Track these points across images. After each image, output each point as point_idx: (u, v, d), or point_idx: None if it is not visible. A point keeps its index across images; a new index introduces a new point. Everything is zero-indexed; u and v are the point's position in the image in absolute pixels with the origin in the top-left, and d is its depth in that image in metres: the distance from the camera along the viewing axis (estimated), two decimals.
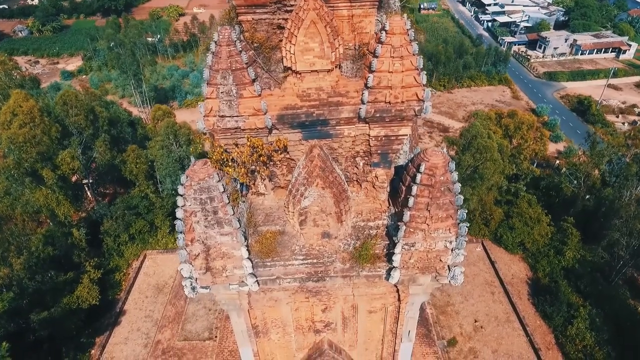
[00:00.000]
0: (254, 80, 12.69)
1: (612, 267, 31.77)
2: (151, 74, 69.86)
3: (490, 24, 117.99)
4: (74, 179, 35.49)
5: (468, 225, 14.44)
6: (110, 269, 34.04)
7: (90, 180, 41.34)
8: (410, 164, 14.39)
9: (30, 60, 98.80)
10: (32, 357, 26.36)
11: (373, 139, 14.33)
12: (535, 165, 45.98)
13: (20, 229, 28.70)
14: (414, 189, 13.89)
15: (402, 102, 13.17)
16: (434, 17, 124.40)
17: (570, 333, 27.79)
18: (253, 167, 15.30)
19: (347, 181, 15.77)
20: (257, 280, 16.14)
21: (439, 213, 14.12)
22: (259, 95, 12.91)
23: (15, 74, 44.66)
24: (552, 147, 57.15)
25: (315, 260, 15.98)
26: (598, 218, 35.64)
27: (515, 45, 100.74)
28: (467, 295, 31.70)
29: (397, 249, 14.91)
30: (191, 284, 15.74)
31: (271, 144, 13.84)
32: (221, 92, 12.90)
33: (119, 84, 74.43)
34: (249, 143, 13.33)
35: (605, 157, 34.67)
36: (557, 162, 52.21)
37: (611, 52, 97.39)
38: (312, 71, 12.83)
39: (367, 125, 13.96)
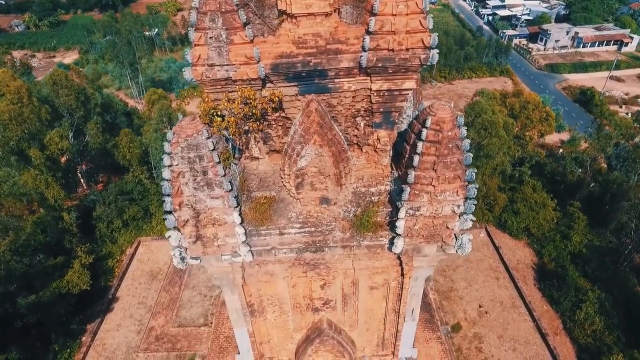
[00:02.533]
0: (245, 24, 11.66)
1: (620, 251, 30.79)
2: (147, 64, 68.79)
3: (490, 17, 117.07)
4: (63, 160, 34.40)
5: (477, 187, 13.44)
6: (103, 256, 33.06)
7: (84, 168, 40.34)
8: (415, 121, 13.36)
9: (26, 54, 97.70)
10: (20, 343, 25.36)
11: (375, 94, 13.29)
12: (537, 158, 44.96)
13: (7, 210, 27.61)
14: (419, 146, 12.86)
15: (407, 49, 12.14)
16: (434, 12, 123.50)
17: (578, 318, 26.81)
18: (246, 127, 14.30)
19: (347, 145, 14.75)
20: (250, 250, 15.13)
21: (446, 173, 13.09)
22: (251, 41, 11.87)
23: (5, 59, 43.55)
24: (555, 137, 56.23)
25: (313, 229, 14.94)
26: (605, 203, 34.67)
27: (516, 38, 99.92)
28: (471, 281, 30.72)
29: (401, 214, 13.88)
30: (180, 254, 14.71)
31: (265, 98, 12.83)
32: (210, 38, 11.86)
33: (116, 75, 73.39)
34: (240, 93, 12.30)
35: (613, 139, 33.68)
36: (561, 150, 51.31)
37: (613, 44, 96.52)
38: (308, 14, 11.78)
39: (369, 78, 12.92)
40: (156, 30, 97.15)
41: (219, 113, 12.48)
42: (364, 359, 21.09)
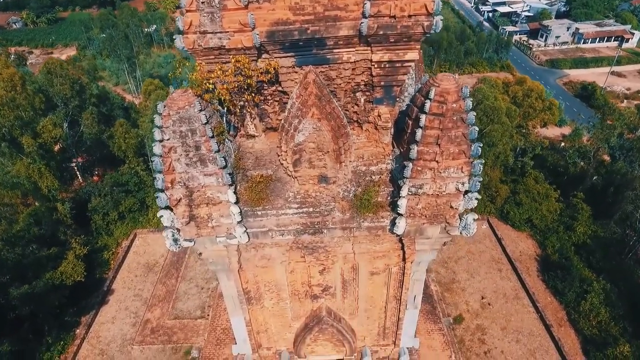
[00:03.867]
0: None
1: (625, 242, 30.24)
2: (145, 59, 68.18)
3: (490, 14, 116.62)
4: (56, 148, 33.77)
5: (483, 162, 12.86)
6: (98, 248, 32.48)
7: (80, 161, 39.78)
8: (418, 94, 12.78)
9: (24, 50, 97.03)
10: (12, 335, 24.75)
11: (376, 65, 12.70)
12: (540, 147, 44.43)
13: None
14: (422, 119, 12.27)
15: (409, 16, 11.55)
16: None
17: (583, 309, 26.24)
18: (241, 102, 13.72)
19: (347, 122, 14.15)
20: (246, 232, 14.53)
21: (450, 148, 12.50)
22: (246, 7, 11.27)
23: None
24: (556, 131, 55.78)
25: (311, 209, 14.34)
26: (608, 194, 34.14)
27: (516, 34, 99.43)
28: (473, 273, 30.14)
29: (403, 192, 13.29)
30: (173, 236, 14.14)
31: (260, 69, 12.24)
32: (202, 3, 11.25)
33: (113, 71, 72.84)
34: (233, 61, 11.70)
35: (617, 129, 33.13)
36: (562, 144, 50.80)
37: (614, 40, 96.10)
38: None
39: (369, 48, 12.34)
40: (154, 26, 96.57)
41: (211, 82, 11.86)
42: (365, 350, 20.52)
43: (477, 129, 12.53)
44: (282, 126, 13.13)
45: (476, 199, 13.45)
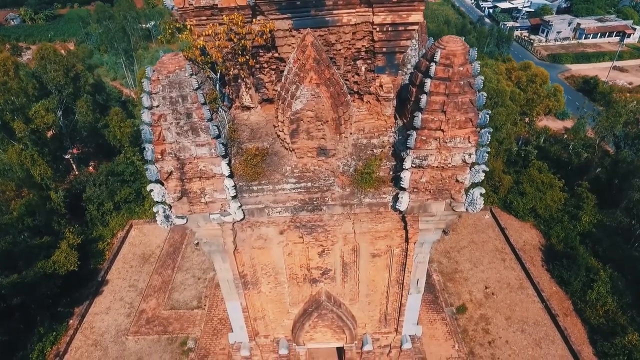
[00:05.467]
0: None
1: (632, 231, 29.56)
2: (143, 53, 67.45)
3: (491, 10, 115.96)
4: (49, 134, 33.05)
5: (490, 131, 12.17)
6: (93, 239, 31.79)
7: (75, 152, 39.08)
8: (422, 59, 12.09)
9: (21, 46, 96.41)
10: (2, 325, 24.06)
11: (377, 29, 11.98)
12: (542, 140, 43.76)
13: None
14: (427, 83, 11.58)
15: None
16: (433, 5, 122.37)
17: (590, 298, 25.56)
18: (235, 70, 13.04)
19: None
20: (242, 209, 13.85)
21: (456, 115, 11.80)
22: None
23: None
24: (559, 124, 55.20)
25: (309, 184, 13.63)
26: (613, 184, 33.50)
27: (517, 30, 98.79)
28: (476, 262, 29.45)
29: (406, 164, 12.58)
30: (164, 212, 13.44)
31: (256, 31, 11.55)
32: None
33: (111, 65, 72.17)
34: (226, 19, 11.02)
35: (622, 116, 32.43)
36: (565, 136, 50.17)
37: (615, 36, 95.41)
38: None
39: (370, 9, 11.65)
40: (153, 22, 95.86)
41: (202, 39, 11.15)
42: (366, 338, 19.81)
43: (485, 95, 11.84)
44: (279, 94, 12.43)
45: (483, 171, 12.75)
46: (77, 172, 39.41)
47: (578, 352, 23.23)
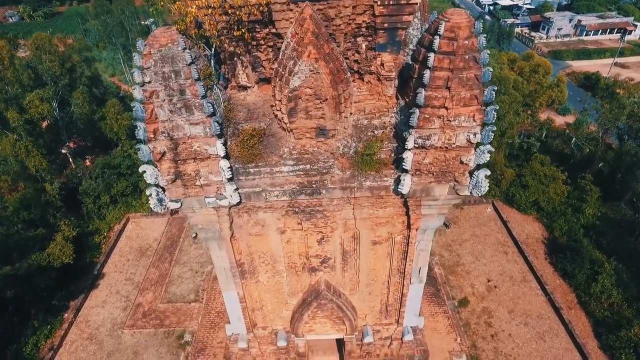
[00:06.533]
0: None
1: (636, 224, 29.10)
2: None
3: (491, 7, 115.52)
4: (44, 124, 32.50)
5: (497, 109, 11.70)
6: (89, 232, 31.32)
7: (72, 146, 38.61)
8: (425, 33, 11.64)
9: (19, 43, 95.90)
10: None
11: (379, 2, 11.48)
12: (544, 135, 43.30)
13: None
14: (431, 58, 11.10)
15: None
16: (433, 2, 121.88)
17: (594, 291, 25.10)
18: (231, 47, 12.56)
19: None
20: (238, 192, 13.38)
21: (461, 92, 11.33)
22: None
23: None
24: (560, 120, 54.76)
25: (308, 166, 13.14)
26: (617, 177, 33.05)
27: (518, 27, 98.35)
28: (478, 255, 28.99)
29: (409, 144, 12.11)
30: (157, 195, 12.97)
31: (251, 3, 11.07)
32: None
33: (109, 61, 71.80)
34: None
35: (627, 107, 31.94)
36: (567, 131, 49.72)
37: (616, 32, 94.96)
38: None
39: None
40: (152, 20, 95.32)
41: (193, 11, 10.67)
42: (366, 329, 19.35)
43: (491, 70, 11.37)
44: (276, 71, 11.96)
45: (489, 152, 12.30)
46: (74, 167, 38.95)
47: (583, 345, 22.77)
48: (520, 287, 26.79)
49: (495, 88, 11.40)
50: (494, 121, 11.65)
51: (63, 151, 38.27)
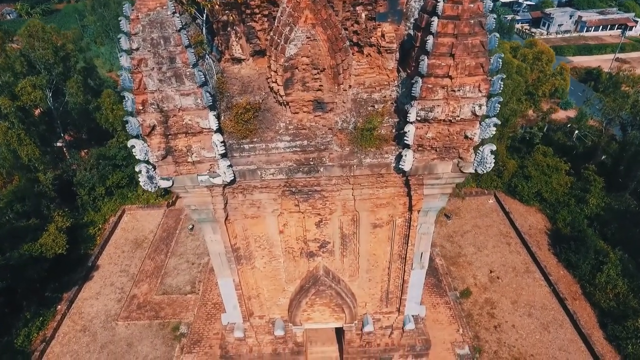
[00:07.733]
0: None
1: None
2: None
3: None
4: (37, 112, 31.89)
5: (503, 77, 11.13)
6: (84, 224, 30.75)
7: (67, 139, 38.03)
8: None
9: (17, 39, 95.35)
10: None
11: None
12: (546, 129, 42.76)
13: None
14: (434, 23, 10.54)
15: None
16: None
17: (599, 281, 24.58)
18: (224, 16, 11.98)
19: None
20: (232, 169, 12.79)
21: (466, 60, 10.74)
22: None
23: None
24: (562, 114, 54.26)
25: (305, 142, 12.54)
26: (621, 168, 32.50)
27: (518, 23, 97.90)
28: (481, 246, 28.45)
29: (411, 116, 11.53)
30: (148, 172, 12.39)
31: None
32: None
33: (107, 57, 71.24)
34: None
35: (631, 97, 31.41)
36: (569, 125, 49.24)
37: (617, 28, 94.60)
38: None
39: None
40: None
41: None
42: (366, 318, 18.76)
43: (497, 36, 10.82)
44: (272, 39, 11.39)
45: (495, 125, 11.73)
46: (68, 159, 38.37)
47: (588, 336, 22.23)
48: (524, 277, 26.25)
49: (502, 55, 10.84)
50: (500, 91, 11.08)
51: (59, 144, 37.71)
